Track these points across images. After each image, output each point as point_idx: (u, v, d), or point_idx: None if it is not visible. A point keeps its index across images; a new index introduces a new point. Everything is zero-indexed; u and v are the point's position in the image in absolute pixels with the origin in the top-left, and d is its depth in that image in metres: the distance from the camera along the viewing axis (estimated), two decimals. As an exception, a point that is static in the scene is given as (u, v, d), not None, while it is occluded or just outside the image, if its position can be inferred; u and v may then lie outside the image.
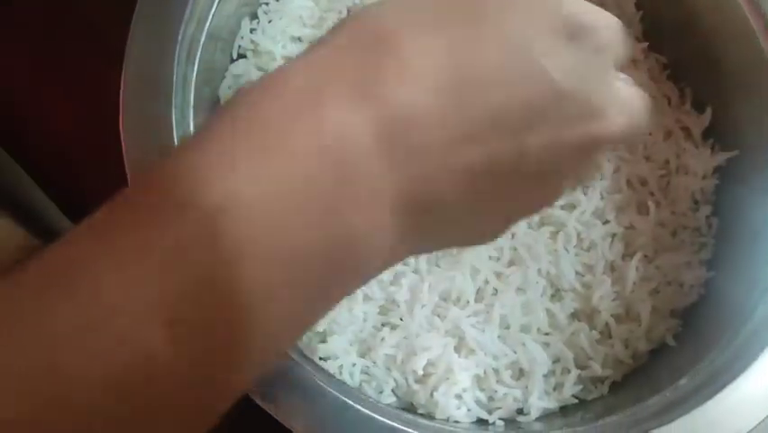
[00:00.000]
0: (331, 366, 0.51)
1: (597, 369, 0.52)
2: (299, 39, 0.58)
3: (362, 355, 0.52)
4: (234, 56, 0.56)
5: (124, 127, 0.42)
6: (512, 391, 0.51)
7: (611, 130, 0.29)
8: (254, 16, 0.57)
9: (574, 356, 0.52)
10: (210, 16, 0.49)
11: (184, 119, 0.47)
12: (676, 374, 0.49)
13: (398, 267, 0.54)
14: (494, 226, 0.31)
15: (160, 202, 0.23)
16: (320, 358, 0.51)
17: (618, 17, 0.60)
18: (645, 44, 0.60)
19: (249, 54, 0.57)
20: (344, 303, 0.52)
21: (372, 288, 0.53)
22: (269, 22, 0.57)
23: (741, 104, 0.57)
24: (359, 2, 0.58)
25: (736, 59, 0.56)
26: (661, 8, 0.60)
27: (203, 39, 0.49)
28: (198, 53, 0.49)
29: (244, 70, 0.56)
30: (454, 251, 0.54)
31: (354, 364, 0.51)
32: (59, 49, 0.60)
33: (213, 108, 0.54)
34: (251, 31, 0.57)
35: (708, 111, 0.58)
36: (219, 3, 0.49)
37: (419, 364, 0.50)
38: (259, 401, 0.41)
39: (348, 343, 0.52)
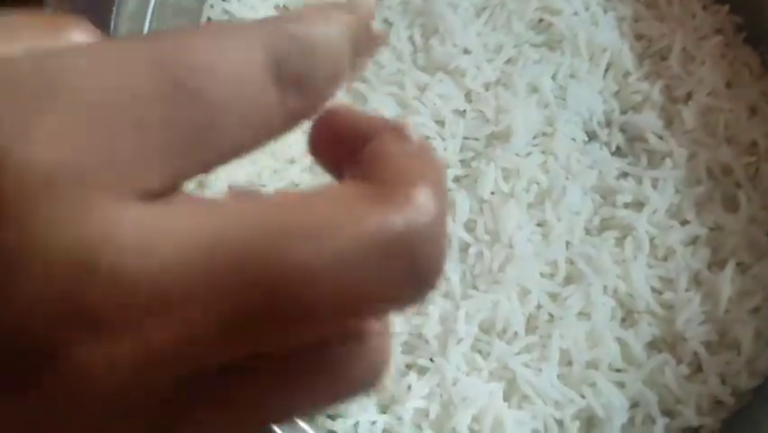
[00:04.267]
0: (343, 427, 0.39)
1: (689, 416, 0.40)
2: (285, 6, 0.46)
3: (384, 410, 0.40)
4: (203, 30, 0.44)
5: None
6: (582, 449, 0.39)
7: None
8: (227, -21, 0.45)
9: (658, 398, 0.41)
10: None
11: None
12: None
13: (424, 291, 0.42)
14: None
15: None
16: (328, 417, 0.39)
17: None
18: (725, 6, 0.48)
19: (222, 28, 0.45)
20: (356, 341, 0.40)
21: (391, 319, 0.41)
22: (247, -15, 0.45)
23: None
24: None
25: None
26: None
27: (151, 8, 0.38)
28: (147, 23, 0.37)
29: (217, 48, 0.44)
30: (495, 266, 0.42)
31: (374, 423, 0.39)
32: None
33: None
34: (224, -2, 0.45)
35: (801, 80, 0.47)
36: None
37: (461, 420, 0.38)
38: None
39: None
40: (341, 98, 0.44)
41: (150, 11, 0.38)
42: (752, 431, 0.40)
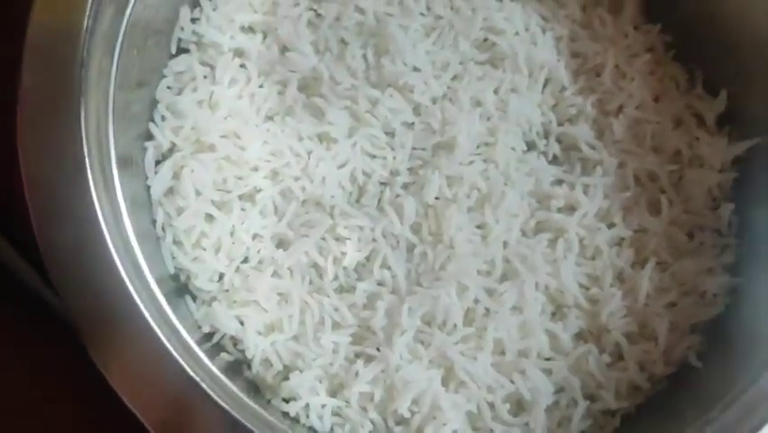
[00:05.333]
0: (295, 408, 0.43)
1: (609, 400, 0.44)
2: (251, 28, 0.50)
3: (333, 394, 0.44)
4: (174, 50, 0.49)
5: (22, 140, 0.34)
6: (511, 429, 0.44)
7: None
8: (195, 3, 0.49)
9: (581, 384, 0.45)
10: (131, 2, 0.41)
11: (101, 127, 0.39)
12: (703, 404, 0.41)
13: (373, 287, 0.46)
14: None
15: None
16: (282, 400, 0.44)
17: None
18: (657, 26, 0.52)
19: (192, 48, 0.49)
20: (310, 332, 0.45)
21: (343, 313, 0.45)
22: (214, 9, 0.49)
23: (762, 84, 0.49)
24: (317, -16, 0.51)
25: (755, 32, 0.49)
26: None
27: (123, 30, 0.42)
28: (117, 48, 0.41)
29: (187, 66, 0.48)
30: (437, 265, 0.46)
31: (324, 405, 0.43)
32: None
33: (149, 112, 0.47)
34: (193, 20, 0.49)
35: (723, 94, 0.51)
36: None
37: (402, 403, 0.43)
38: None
39: (316, 379, 0.44)
40: (298, 112, 0.48)
41: (122, 32, 0.42)
42: (665, 414, 0.44)
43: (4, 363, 0.46)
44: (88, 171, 0.35)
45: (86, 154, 0.35)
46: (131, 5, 0.41)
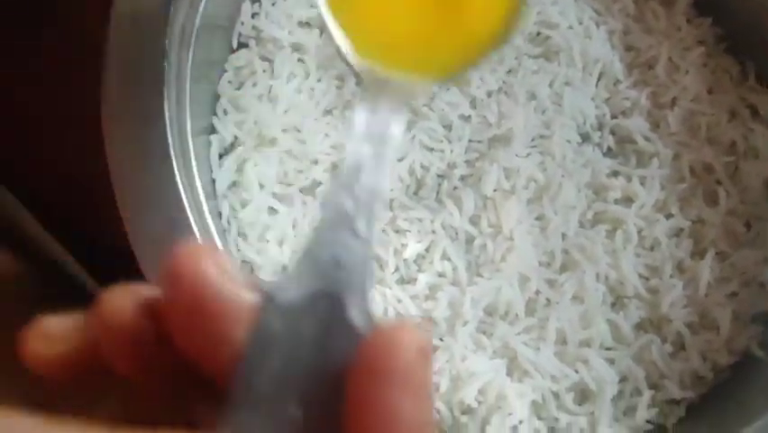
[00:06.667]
0: (362, 399, 0.43)
1: (672, 389, 0.45)
2: (308, 23, 0.51)
3: (398, 384, 0.44)
4: (235, 45, 0.49)
5: (108, 132, 0.35)
6: (576, 418, 0.44)
7: None
8: (255, -1, 0.50)
9: (645, 374, 0.45)
10: (203, -1, 0.42)
11: (180, 119, 0.40)
12: (768, 392, 0.41)
13: (434, 279, 0.46)
14: None
15: None
16: (349, 390, 0.44)
17: (665, -16, 0.55)
18: (708, 19, 0.53)
19: (251, 43, 0.49)
20: (374, 323, 0.45)
21: (406, 304, 0.46)
22: (273, 4, 0.50)
23: (816, 74, 0.50)
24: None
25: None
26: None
27: (197, 24, 0.42)
28: (192, 42, 0.42)
29: (247, 61, 0.49)
30: (497, 256, 0.47)
31: (390, 395, 0.44)
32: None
33: (211, 107, 0.47)
34: (253, 15, 0.49)
35: (776, 86, 0.51)
36: (214, -18, 0.42)
37: (468, 393, 0.43)
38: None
39: (381, 370, 0.44)
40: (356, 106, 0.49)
41: (196, 25, 0.43)
42: (731, 404, 0.44)
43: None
44: (174, 165, 0.35)
45: (171, 148, 0.36)
46: (203, 2, 0.42)
